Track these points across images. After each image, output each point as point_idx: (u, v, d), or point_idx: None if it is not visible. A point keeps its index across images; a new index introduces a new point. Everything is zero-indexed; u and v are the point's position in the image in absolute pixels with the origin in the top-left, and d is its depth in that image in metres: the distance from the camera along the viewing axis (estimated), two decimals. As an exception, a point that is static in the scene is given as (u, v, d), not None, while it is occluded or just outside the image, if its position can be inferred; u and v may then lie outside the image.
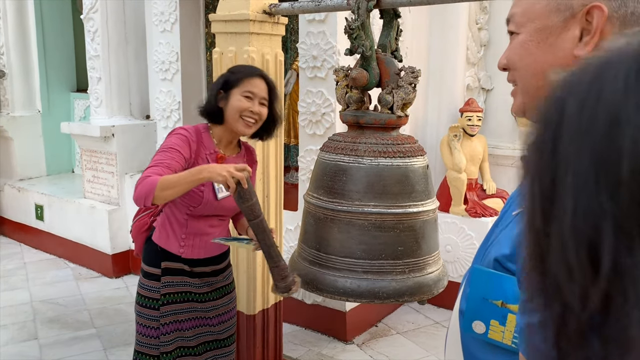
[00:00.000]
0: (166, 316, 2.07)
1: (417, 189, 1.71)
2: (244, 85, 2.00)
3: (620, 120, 0.38)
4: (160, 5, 4.29)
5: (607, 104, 0.39)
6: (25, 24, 5.66)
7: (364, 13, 1.74)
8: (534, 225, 0.43)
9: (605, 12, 0.75)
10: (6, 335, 3.56)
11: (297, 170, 4.15)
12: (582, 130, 0.39)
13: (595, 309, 0.38)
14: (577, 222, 0.39)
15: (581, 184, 0.39)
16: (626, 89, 0.39)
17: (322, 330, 3.58)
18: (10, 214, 5.53)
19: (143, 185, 1.79)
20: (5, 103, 5.75)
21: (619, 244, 0.37)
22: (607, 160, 0.38)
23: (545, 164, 0.42)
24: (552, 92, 0.44)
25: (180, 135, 1.98)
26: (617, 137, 0.38)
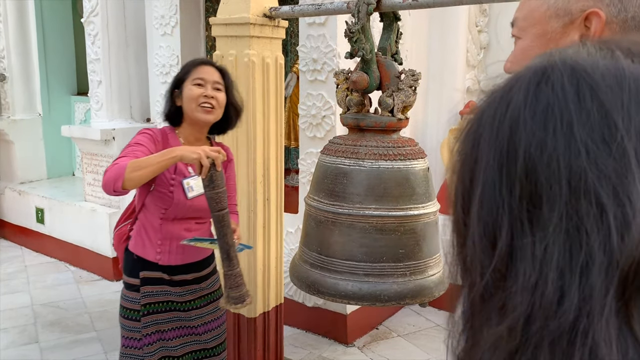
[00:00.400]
0: (148, 326, 2.03)
1: (417, 192, 1.71)
2: (192, 74, 1.99)
3: (519, 126, 0.45)
4: (160, 8, 4.30)
5: (511, 113, 0.46)
6: (26, 27, 5.67)
7: (364, 16, 1.74)
8: (457, 218, 0.51)
9: (602, 18, 0.76)
10: (7, 338, 3.56)
11: (297, 173, 4.16)
12: (493, 135, 0.46)
13: (492, 284, 0.46)
14: (483, 212, 0.46)
15: (489, 180, 0.46)
16: (525, 99, 0.45)
17: (323, 333, 3.58)
18: (11, 217, 5.53)
19: (112, 170, 1.76)
20: (6, 106, 5.76)
21: (512, 229, 0.44)
22: (508, 159, 0.45)
23: (465, 163, 0.50)
24: (478, 102, 0.51)
25: (146, 134, 1.98)
26: (516, 140, 0.45)
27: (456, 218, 0.51)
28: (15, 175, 5.65)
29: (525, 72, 0.48)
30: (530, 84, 0.46)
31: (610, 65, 0.44)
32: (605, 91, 0.43)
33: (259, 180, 2.50)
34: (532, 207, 0.44)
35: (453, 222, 0.52)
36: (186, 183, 1.99)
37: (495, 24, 4.21)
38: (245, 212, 2.51)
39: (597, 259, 0.40)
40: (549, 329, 0.41)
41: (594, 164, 0.41)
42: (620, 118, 0.42)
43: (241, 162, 2.47)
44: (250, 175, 2.47)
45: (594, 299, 0.40)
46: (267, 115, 2.49)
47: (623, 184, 0.40)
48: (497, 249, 0.45)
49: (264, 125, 2.48)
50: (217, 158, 1.73)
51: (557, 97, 0.44)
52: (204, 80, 1.98)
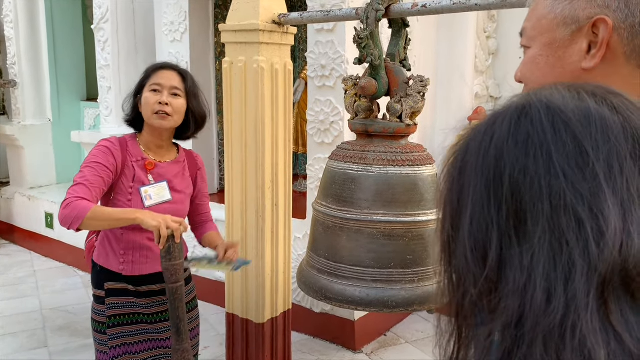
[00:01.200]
0: (114, 339, 1.97)
1: (426, 198, 1.71)
2: (150, 80, 1.96)
3: (503, 154, 0.52)
4: (170, 15, 4.33)
5: (496, 142, 0.53)
6: (37, 33, 5.73)
7: (372, 23, 1.75)
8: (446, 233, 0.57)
9: (610, 25, 0.76)
10: (16, 343, 3.58)
11: (305, 179, 4.16)
12: (480, 162, 0.53)
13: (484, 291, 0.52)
14: (474, 229, 0.52)
15: (477, 201, 0.52)
16: (508, 131, 0.52)
17: (331, 339, 3.57)
18: (20, 222, 5.57)
19: (73, 209, 1.72)
20: (17, 112, 5.81)
21: (502, 243, 0.50)
22: (495, 182, 0.51)
23: (453, 187, 0.56)
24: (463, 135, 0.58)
25: (102, 147, 1.92)
26: (501, 166, 0.51)
27: (444, 236, 0.58)
28: (25, 180, 5.70)
29: (506, 109, 0.55)
30: (512, 118, 0.53)
31: (579, 105, 0.52)
32: (577, 125, 0.50)
33: (267, 186, 2.50)
34: (518, 223, 0.50)
35: (441, 241, 0.58)
36: (144, 191, 1.94)
37: (504, 30, 4.21)
38: (253, 217, 2.52)
39: (578, 264, 0.46)
40: (541, 326, 0.46)
41: (571, 185, 0.48)
42: (590, 147, 0.49)
43: (250, 168, 2.48)
44: (259, 180, 2.48)
45: (578, 299, 0.46)
46: (275, 121, 2.50)
47: (596, 201, 0.47)
48: (488, 260, 0.51)
49: (272, 131, 2.49)
50: (176, 230, 1.68)
51: (537, 130, 0.51)
52: (161, 86, 1.94)
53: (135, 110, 2.01)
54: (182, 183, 2.08)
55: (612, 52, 0.77)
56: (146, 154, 2.00)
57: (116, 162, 1.90)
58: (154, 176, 2.00)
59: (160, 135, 2.01)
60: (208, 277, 4.04)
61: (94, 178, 1.83)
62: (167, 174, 2.03)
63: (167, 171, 2.04)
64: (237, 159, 2.49)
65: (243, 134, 2.46)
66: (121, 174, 1.93)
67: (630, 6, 0.76)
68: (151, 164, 1.99)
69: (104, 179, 1.86)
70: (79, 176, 1.84)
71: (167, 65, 2.03)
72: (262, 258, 2.56)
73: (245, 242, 2.57)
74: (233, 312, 2.70)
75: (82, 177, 1.83)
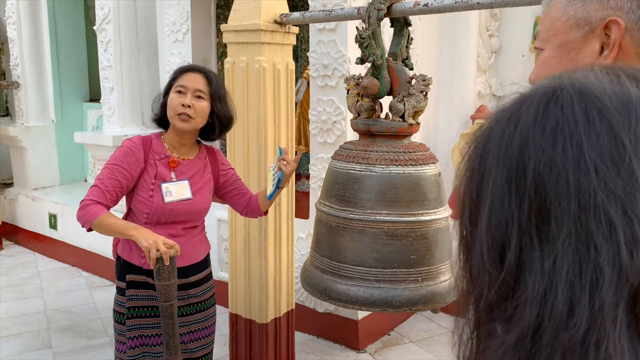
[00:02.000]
0: (132, 330, 2.02)
1: (429, 197, 1.70)
2: (176, 82, 2.00)
3: (528, 143, 0.46)
4: (172, 15, 4.33)
5: (521, 130, 0.47)
6: (40, 35, 5.74)
7: (374, 22, 1.74)
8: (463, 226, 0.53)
9: (622, 26, 0.77)
10: (21, 343, 3.58)
11: (308, 178, 4.16)
12: (502, 152, 0.48)
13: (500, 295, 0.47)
14: (492, 225, 0.48)
15: (497, 194, 0.48)
16: (535, 118, 0.47)
17: (335, 339, 3.57)
18: (24, 223, 5.58)
19: (85, 212, 1.87)
20: (20, 113, 5.82)
21: (521, 244, 0.46)
22: (517, 175, 0.47)
23: (473, 178, 0.51)
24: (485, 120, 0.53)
25: (124, 147, 1.99)
26: (525, 156, 0.46)
27: (463, 230, 0.53)
28: (29, 181, 5.71)
29: (533, 92, 0.49)
30: (540, 103, 0.48)
31: (617, 90, 0.46)
32: (613, 114, 0.44)
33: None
34: (541, 222, 0.45)
35: (459, 234, 0.54)
36: (165, 187, 1.99)
37: (506, 28, 4.19)
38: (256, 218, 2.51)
39: (606, 274, 0.41)
40: (561, 341, 0.41)
41: (603, 183, 0.42)
42: (628, 140, 0.43)
43: (252, 167, 2.48)
44: (262, 180, 2.48)
45: (604, 313, 0.41)
46: (278, 121, 2.50)
47: (632, 202, 0.42)
48: (506, 261, 0.46)
49: (275, 131, 2.49)
50: (165, 253, 1.72)
51: (567, 118, 0.46)
52: (185, 88, 1.97)
53: (163, 110, 2.05)
54: (203, 179, 2.12)
55: (624, 53, 0.78)
56: (170, 151, 2.05)
57: (137, 162, 1.97)
58: (176, 173, 2.05)
59: (183, 135, 2.05)
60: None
61: (110, 181, 1.92)
62: (189, 171, 2.08)
63: (190, 168, 2.09)
64: (239, 158, 2.49)
65: (245, 134, 2.46)
66: (143, 171, 1.99)
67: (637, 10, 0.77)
68: (174, 161, 2.04)
69: (121, 181, 1.94)
70: (97, 178, 1.95)
71: (194, 68, 2.06)
72: (265, 258, 2.56)
73: (248, 242, 2.57)
74: (236, 312, 2.70)
75: (100, 180, 1.94)
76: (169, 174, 2.03)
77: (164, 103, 2.04)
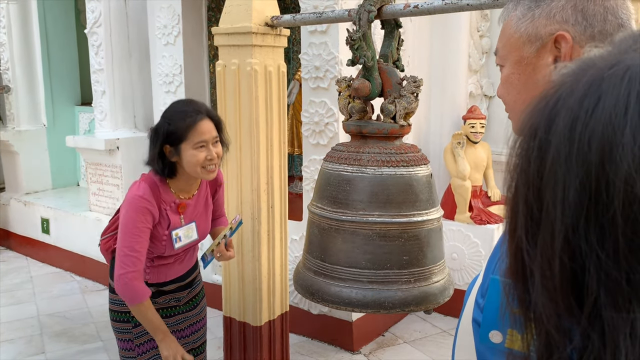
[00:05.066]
0: (140, 336, 2.07)
1: (421, 198, 1.71)
2: (192, 136, 1.90)
3: (613, 151, 0.31)
4: (163, 18, 4.32)
5: (603, 125, 0.32)
6: (30, 39, 5.71)
7: (365, 24, 1.75)
8: (517, 243, 0.38)
9: (569, 39, 0.79)
10: (14, 349, 3.56)
11: (301, 180, 4.16)
12: (572, 152, 0.33)
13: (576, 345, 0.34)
14: (563, 257, 0.33)
15: (569, 216, 0.33)
16: (625, 106, 0.32)
17: (329, 341, 3.57)
18: (16, 227, 5.55)
19: (131, 292, 1.89)
20: (11, 117, 5.80)
21: (604, 292, 0.32)
22: (598, 195, 0.32)
23: (530, 180, 0.37)
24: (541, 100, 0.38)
25: (139, 207, 1.91)
26: (609, 167, 0.31)
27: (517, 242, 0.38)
28: (21, 185, 5.68)
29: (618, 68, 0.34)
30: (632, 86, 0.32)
31: None
32: None
33: (262, 188, 2.50)
34: (637, 265, 0.30)
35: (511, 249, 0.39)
36: (174, 234, 2.01)
37: (497, 28, 4.20)
38: (249, 220, 2.51)
39: None
40: None
41: None
42: None
43: (245, 170, 2.48)
44: (254, 183, 2.48)
45: None
46: (270, 123, 2.50)
47: None
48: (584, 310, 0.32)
49: (267, 133, 2.49)
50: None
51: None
52: (206, 141, 1.92)
53: (164, 161, 1.95)
54: (206, 210, 2.17)
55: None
56: (176, 195, 2.03)
57: (153, 219, 1.95)
58: (185, 216, 2.06)
59: (196, 179, 2.04)
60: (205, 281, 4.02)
61: (139, 245, 1.91)
62: (195, 209, 2.10)
63: (195, 205, 2.10)
64: (232, 161, 2.49)
65: (237, 137, 2.46)
66: (157, 224, 1.98)
67: (588, 18, 0.80)
68: (183, 206, 2.04)
69: (146, 240, 1.94)
70: (125, 245, 1.89)
71: (201, 116, 1.94)
72: (258, 260, 2.56)
73: (241, 245, 2.57)
74: (230, 315, 2.70)
75: (129, 248, 1.89)
76: (178, 220, 2.04)
77: (161, 153, 1.94)
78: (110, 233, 2.17)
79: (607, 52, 0.36)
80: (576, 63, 0.37)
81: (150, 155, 1.97)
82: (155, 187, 1.96)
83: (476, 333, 0.89)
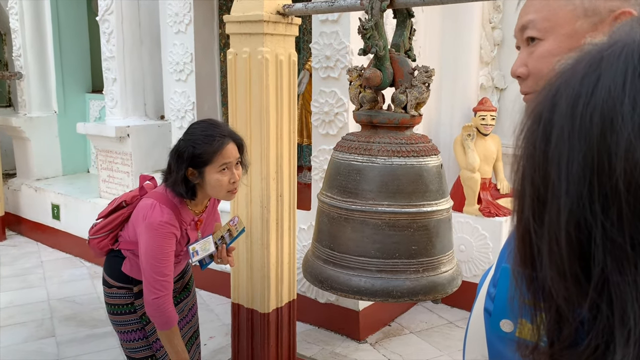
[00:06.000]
0: (153, 334, 2.10)
1: (430, 188, 1.71)
2: (216, 160, 1.90)
3: (615, 121, 0.33)
4: (174, 6, 4.32)
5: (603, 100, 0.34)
6: (42, 26, 5.74)
7: (377, 13, 1.74)
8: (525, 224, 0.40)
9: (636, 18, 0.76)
10: (25, 332, 3.61)
11: (310, 170, 4.17)
12: (575, 128, 0.35)
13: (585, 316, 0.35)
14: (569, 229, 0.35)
15: (574, 188, 0.34)
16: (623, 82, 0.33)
17: (336, 329, 3.59)
18: (27, 213, 5.61)
19: (163, 316, 1.91)
20: (22, 104, 5.83)
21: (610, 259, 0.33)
22: (600, 166, 0.33)
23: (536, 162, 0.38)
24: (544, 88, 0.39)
25: (168, 234, 1.91)
26: (611, 140, 0.33)
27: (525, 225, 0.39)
28: (32, 172, 5.73)
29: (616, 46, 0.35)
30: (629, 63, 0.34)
31: None
32: None
33: (272, 177, 2.51)
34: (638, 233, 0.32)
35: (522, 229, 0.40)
36: (192, 248, 2.03)
37: (509, 20, 4.18)
38: (258, 208, 2.53)
39: None
40: None
41: None
42: None
43: (254, 160, 2.49)
44: (264, 172, 2.49)
45: None
46: (280, 113, 2.50)
47: None
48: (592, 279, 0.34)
49: (277, 123, 2.50)
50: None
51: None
52: (230, 165, 1.93)
53: (187, 184, 1.94)
54: (212, 215, 2.20)
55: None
56: (194, 212, 2.04)
57: (176, 238, 1.96)
58: (202, 230, 2.10)
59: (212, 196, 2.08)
60: (214, 268, 4.06)
61: (169, 269, 1.92)
62: (208, 219, 2.14)
63: (208, 216, 2.14)
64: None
65: (247, 125, 2.47)
66: (177, 243, 2.00)
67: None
68: (201, 221, 2.07)
69: (172, 261, 1.96)
70: (155, 271, 1.90)
71: (226, 141, 1.93)
72: (267, 249, 2.58)
73: (250, 233, 2.58)
74: (238, 302, 2.72)
75: (159, 273, 1.90)
76: (196, 235, 2.08)
77: (189, 177, 1.93)
78: (105, 232, 2.15)
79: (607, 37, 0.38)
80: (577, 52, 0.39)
81: (173, 178, 1.93)
82: (176, 210, 1.96)
83: (487, 322, 0.89)
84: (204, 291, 4.21)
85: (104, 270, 2.17)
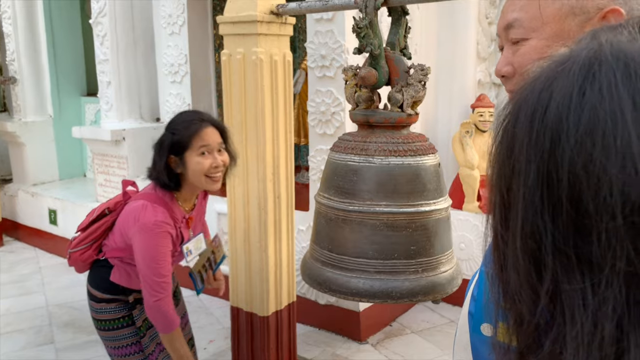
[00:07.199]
0: (154, 338, 2.08)
1: (428, 188, 1.69)
2: (195, 142, 1.87)
3: (561, 137, 0.36)
4: (168, 7, 4.30)
5: (553, 117, 0.37)
6: (35, 29, 5.71)
7: (371, 11, 1.72)
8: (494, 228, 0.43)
9: (623, 16, 0.74)
10: (23, 339, 3.59)
11: (307, 170, 4.15)
12: (532, 143, 0.38)
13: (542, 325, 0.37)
14: (525, 236, 0.38)
15: (529, 198, 0.38)
16: (569, 102, 0.36)
17: (336, 331, 3.57)
18: (24, 219, 5.58)
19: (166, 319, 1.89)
20: (17, 109, 5.80)
21: (560, 267, 0.36)
22: (550, 178, 0.36)
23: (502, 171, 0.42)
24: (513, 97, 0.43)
25: (163, 233, 1.88)
26: (558, 153, 0.36)
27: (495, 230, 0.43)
28: (28, 177, 5.70)
29: (568, 63, 0.38)
30: (575, 81, 0.36)
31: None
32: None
33: (269, 178, 2.49)
34: (581, 241, 0.34)
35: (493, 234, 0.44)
36: (185, 248, 2.01)
37: (505, 15, 4.16)
38: (256, 210, 2.50)
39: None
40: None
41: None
42: None
43: (251, 161, 2.46)
44: (260, 173, 2.46)
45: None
46: (276, 113, 2.48)
47: None
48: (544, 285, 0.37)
49: (273, 123, 2.47)
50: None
51: (609, 103, 0.34)
52: (210, 148, 1.89)
53: (170, 173, 1.91)
54: (202, 212, 2.17)
55: None
56: (183, 208, 2.00)
57: (171, 236, 1.92)
58: (193, 228, 2.07)
59: (199, 190, 2.02)
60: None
61: (166, 270, 1.89)
62: (198, 217, 2.11)
63: (198, 214, 2.11)
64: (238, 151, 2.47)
65: (243, 127, 2.45)
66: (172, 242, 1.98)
67: (629, 2, 0.75)
68: (191, 218, 2.03)
69: (170, 261, 1.92)
70: (154, 273, 1.86)
71: (204, 123, 1.91)
72: (265, 251, 2.55)
73: (248, 235, 2.56)
74: (237, 305, 2.70)
75: (157, 274, 1.87)
76: (188, 233, 2.04)
77: (167, 165, 1.90)
78: (87, 243, 2.11)
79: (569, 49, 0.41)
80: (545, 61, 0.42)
81: (156, 169, 1.91)
82: (169, 207, 1.92)
83: (470, 325, 0.88)
84: (204, 294, 4.19)
85: (89, 283, 2.11)
